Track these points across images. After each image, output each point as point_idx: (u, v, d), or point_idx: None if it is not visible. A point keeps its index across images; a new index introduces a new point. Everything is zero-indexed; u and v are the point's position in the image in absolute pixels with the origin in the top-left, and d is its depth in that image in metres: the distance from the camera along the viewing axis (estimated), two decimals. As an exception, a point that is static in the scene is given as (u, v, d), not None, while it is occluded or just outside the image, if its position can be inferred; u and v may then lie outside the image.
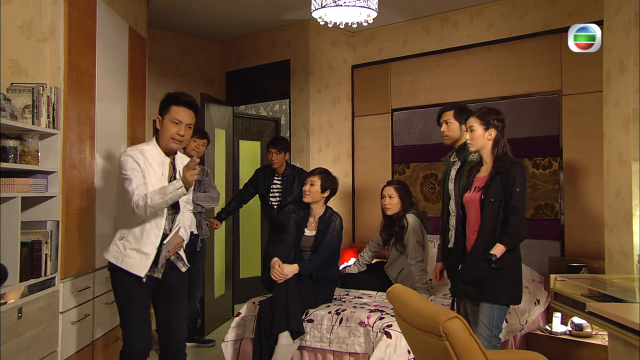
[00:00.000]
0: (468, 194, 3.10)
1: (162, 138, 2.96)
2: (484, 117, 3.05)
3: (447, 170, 3.63)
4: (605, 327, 2.52)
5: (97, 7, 3.63)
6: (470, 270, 2.99)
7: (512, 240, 2.94)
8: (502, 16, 5.00)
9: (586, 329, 3.88)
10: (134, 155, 2.90)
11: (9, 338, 2.64)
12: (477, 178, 3.11)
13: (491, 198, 2.95)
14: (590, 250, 4.35)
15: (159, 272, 2.97)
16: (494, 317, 2.98)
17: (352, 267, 4.63)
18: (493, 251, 2.91)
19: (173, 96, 2.97)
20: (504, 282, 2.96)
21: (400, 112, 5.64)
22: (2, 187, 2.69)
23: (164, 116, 2.95)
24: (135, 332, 2.93)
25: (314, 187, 3.97)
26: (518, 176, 2.94)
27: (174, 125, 2.92)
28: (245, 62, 6.16)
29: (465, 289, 3.04)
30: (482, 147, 3.07)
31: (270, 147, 4.86)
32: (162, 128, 2.95)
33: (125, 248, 2.90)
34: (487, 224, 2.96)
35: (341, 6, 3.63)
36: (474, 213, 3.04)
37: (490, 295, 2.97)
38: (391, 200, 4.25)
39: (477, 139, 3.05)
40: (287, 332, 3.54)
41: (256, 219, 6.57)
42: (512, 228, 2.91)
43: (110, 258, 2.93)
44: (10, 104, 2.89)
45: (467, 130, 3.11)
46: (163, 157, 2.98)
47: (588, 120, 4.47)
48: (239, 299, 5.89)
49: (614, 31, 3.56)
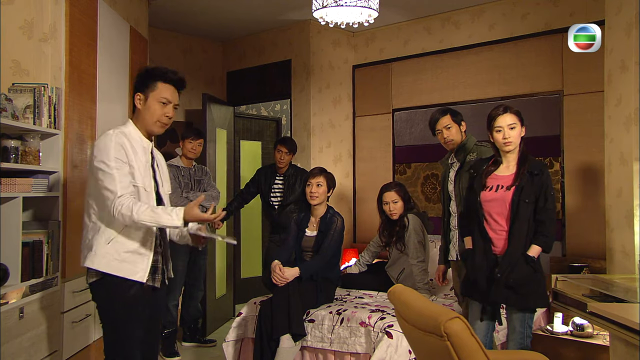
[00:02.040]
0: (488, 193, 2.96)
1: (144, 120, 2.53)
2: (519, 115, 2.96)
3: (446, 172, 3.59)
4: (606, 328, 2.52)
5: (99, 7, 3.63)
6: (516, 275, 2.85)
7: (548, 242, 2.90)
8: (503, 16, 4.99)
9: (587, 329, 3.87)
10: (120, 140, 2.43)
11: (11, 338, 2.64)
12: (496, 176, 2.98)
13: (526, 199, 2.87)
14: (592, 250, 4.35)
15: (159, 281, 2.57)
16: (526, 319, 2.93)
17: (353, 267, 4.63)
18: (530, 253, 2.86)
19: (161, 71, 2.54)
20: (542, 286, 2.92)
21: (402, 112, 5.64)
22: (3, 187, 2.69)
23: (147, 94, 2.51)
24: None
25: (322, 187, 3.95)
26: (550, 179, 2.95)
27: (161, 106, 2.52)
28: (246, 62, 6.16)
29: (507, 294, 2.89)
30: (517, 146, 2.96)
31: (281, 146, 4.84)
32: (144, 108, 2.52)
33: (118, 252, 2.43)
34: (521, 226, 2.88)
35: (342, 6, 3.63)
36: (498, 212, 2.93)
37: (533, 301, 2.90)
38: (396, 205, 4.22)
39: (517, 137, 2.94)
40: (288, 334, 3.54)
41: (257, 219, 6.57)
42: (549, 229, 2.89)
43: (100, 267, 2.42)
44: (12, 104, 2.89)
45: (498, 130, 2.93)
46: (145, 142, 2.56)
47: (589, 120, 4.47)
48: (240, 299, 5.90)
49: (615, 31, 3.55)
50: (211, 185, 4.73)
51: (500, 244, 2.92)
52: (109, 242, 2.44)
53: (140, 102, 2.53)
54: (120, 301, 2.45)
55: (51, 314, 3.01)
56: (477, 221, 2.98)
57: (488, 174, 3.01)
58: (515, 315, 2.94)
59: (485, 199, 2.96)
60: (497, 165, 3.01)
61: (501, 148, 2.96)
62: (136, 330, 2.48)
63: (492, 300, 2.94)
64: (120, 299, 2.44)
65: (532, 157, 2.99)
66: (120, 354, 2.47)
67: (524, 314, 2.93)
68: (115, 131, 2.48)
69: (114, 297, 2.45)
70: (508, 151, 2.95)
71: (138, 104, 2.53)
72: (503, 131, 2.91)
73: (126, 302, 2.45)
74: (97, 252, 2.43)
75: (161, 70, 2.56)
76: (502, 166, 3.01)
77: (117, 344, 2.48)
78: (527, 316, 2.94)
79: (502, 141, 2.92)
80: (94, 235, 2.46)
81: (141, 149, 2.53)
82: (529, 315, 2.95)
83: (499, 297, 2.91)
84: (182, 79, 2.62)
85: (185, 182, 4.51)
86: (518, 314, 2.93)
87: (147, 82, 2.53)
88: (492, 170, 3.01)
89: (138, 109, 2.54)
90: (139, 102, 2.53)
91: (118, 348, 2.48)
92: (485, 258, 2.94)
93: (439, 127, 3.53)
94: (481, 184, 3.00)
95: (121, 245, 2.45)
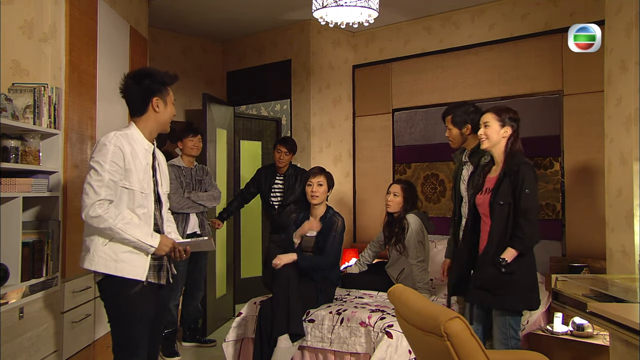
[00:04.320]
0: (480, 196, 3.02)
1: (159, 122, 2.64)
2: (501, 114, 2.98)
3: (459, 169, 3.54)
4: (606, 328, 2.52)
5: (99, 7, 3.63)
6: (481, 275, 2.92)
7: (523, 244, 2.84)
8: (503, 16, 4.99)
9: (587, 329, 3.87)
10: (121, 145, 2.49)
11: (11, 338, 2.64)
12: (488, 179, 3.03)
13: (500, 201, 2.87)
14: (592, 250, 4.35)
15: (164, 278, 2.64)
16: (507, 321, 2.93)
17: (353, 267, 4.63)
18: (504, 255, 2.84)
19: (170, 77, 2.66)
20: (520, 288, 2.88)
21: (401, 112, 5.64)
22: (3, 187, 2.69)
23: (165, 98, 2.64)
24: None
25: (323, 187, 3.97)
26: (527, 177, 2.86)
27: (172, 107, 2.69)
28: (246, 62, 6.16)
29: (480, 294, 2.94)
30: (495, 144, 2.98)
31: (280, 146, 4.85)
32: (163, 111, 2.63)
33: (115, 252, 2.48)
34: (497, 228, 2.88)
35: (342, 6, 3.63)
36: (486, 214, 2.98)
37: (507, 303, 2.89)
38: (394, 198, 4.26)
39: (491, 135, 2.97)
40: (286, 335, 3.53)
41: (257, 219, 6.57)
42: (523, 232, 2.82)
43: (98, 268, 2.48)
44: (12, 104, 2.89)
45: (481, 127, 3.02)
46: (147, 144, 2.63)
47: (589, 120, 4.46)
48: (240, 299, 5.89)
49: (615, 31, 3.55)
50: (212, 185, 4.73)
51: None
52: (105, 243, 2.49)
53: (159, 106, 2.62)
54: (126, 299, 2.50)
55: (51, 314, 3.01)
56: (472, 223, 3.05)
57: (484, 176, 3.06)
58: (496, 315, 2.96)
59: (477, 202, 3.04)
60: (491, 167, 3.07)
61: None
62: (142, 327, 2.53)
63: (468, 301, 3.05)
64: (126, 296, 2.50)
65: (518, 156, 2.97)
66: (126, 350, 2.53)
67: (503, 315, 2.93)
68: (117, 134, 2.53)
69: (120, 295, 2.52)
70: (485, 148, 3.02)
71: (156, 108, 2.61)
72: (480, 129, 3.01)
73: (131, 300, 2.51)
74: (94, 254, 2.49)
75: (168, 75, 2.66)
76: (493, 167, 3.05)
77: (124, 341, 2.54)
78: (507, 318, 2.92)
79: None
80: (91, 236, 2.52)
81: (142, 151, 2.58)
82: (511, 317, 2.93)
83: (472, 297, 3.00)
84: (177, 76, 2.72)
85: (187, 182, 4.51)
86: (498, 314, 2.95)
87: (159, 87, 2.62)
88: (487, 172, 3.06)
89: (154, 112, 2.62)
90: (157, 106, 2.61)
91: (124, 345, 2.53)
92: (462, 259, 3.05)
93: (445, 124, 3.59)
94: (477, 187, 3.06)
95: (118, 247, 2.50)
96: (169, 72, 2.68)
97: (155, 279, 2.60)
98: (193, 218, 4.47)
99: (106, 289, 2.55)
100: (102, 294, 2.58)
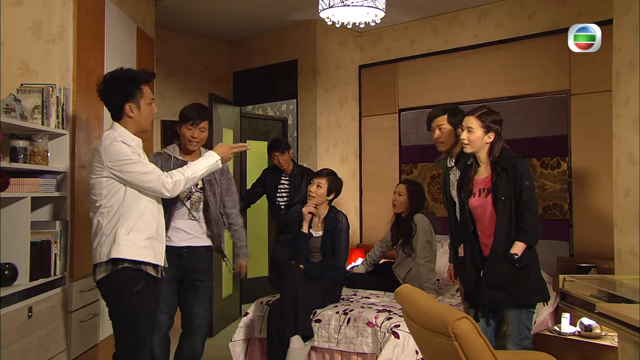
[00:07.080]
0: (474, 200, 3.00)
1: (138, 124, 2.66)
2: (485, 120, 2.93)
3: (446, 175, 3.47)
4: (615, 328, 2.50)
5: (106, 8, 3.64)
6: (496, 274, 2.88)
7: (530, 236, 2.88)
8: (510, 16, 4.98)
9: (595, 330, 3.85)
10: (126, 141, 2.59)
11: (20, 337, 2.65)
12: (477, 181, 3.01)
13: (502, 196, 2.88)
14: (599, 250, 4.33)
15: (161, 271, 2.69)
16: (522, 319, 2.91)
17: (359, 267, 4.63)
18: (513, 250, 2.85)
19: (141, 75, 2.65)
20: (532, 281, 2.90)
21: (408, 112, 5.63)
22: (12, 187, 2.71)
23: (138, 102, 2.61)
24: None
25: (321, 189, 3.95)
26: (525, 170, 2.91)
27: (151, 107, 2.68)
28: (252, 63, 6.17)
29: (493, 294, 2.90)
30: (479, 149, 2.98)
31: (273, 152, 4.80)
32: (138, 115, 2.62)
33: (139, 239, 2.55)
34: (503, 224, 2.88)
35: (349, 6, 3.63)
36: (487, 217, 2.96)
37: (523, 297, 2.89)
38: (399, 198, 4.26)
39: (475, 141, 2.95)
40: (298, 335, 3.54)
41: (263, 219, 6.58)
42: (529, 223, 2.86)
43: (127, 255, 2.50)
44: (20, 105, 2.91)
45: (462, 130, 2.98)
46: (136, 140, 2.68)
47: (597, 120, 4.44)
48: (247, 299, 5.89)
49: (624, 30, 3.53)
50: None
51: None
52: (129, 232, 2.55)
53: (133, 111, 2.62)
54: (131, 294, 2.53)
55: (59, 313, 3.03)
56: (467, 229, 3.02)
57: (471, 180, 3.03)
58: (511, 315, 2.94)
59: (473, 206, 3.01)
60: (476, 169, 3.04)
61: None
62: (148, 322, 2.59)
63: (481, 303, 2.97)
64: (130, 292, 2.53)
65: (509, 152, 2.97)
66: (132, 347, 2.56)
67: (519, 312, 2.92)
68: (111, 136, 2.59)
69: (124, 291, 2.54)
70: (468, 152, 3.02)
71: (130, 113, 2.61)
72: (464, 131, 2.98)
73: (136, 295, 2.54)
74: (120, 243, 2.52)
75: (140, 74, 2.66)
76: (480, 168, 3.03)
77: (128, 339, 2.56)
78: (523, 316, 2.92)
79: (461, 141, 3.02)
80: (112, 228, 2.54)
81: (135, 147, 2.65)
82: (526, 314, 2.93)
83: (485, 298, 2.94)
84: (154, 74, 2.76)
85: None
86: (513, 312, 2.93)
87: (131, 90, 2.61)
88: (473, 175, 3.04)
89: (129, 117, 2.62)
90: (130, 112, 2.61)
91: (129, 342, 2.56)
92: (473, 265, 2.99)
93: (434, 125, 3.43)
94: (468, 192, 3.02)
95: (140, 233, 2.58)
96: (143, 71, 2.70)
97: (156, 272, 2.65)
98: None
99: (110, 287, 2.57)
100: (105, 293, 2.60)
